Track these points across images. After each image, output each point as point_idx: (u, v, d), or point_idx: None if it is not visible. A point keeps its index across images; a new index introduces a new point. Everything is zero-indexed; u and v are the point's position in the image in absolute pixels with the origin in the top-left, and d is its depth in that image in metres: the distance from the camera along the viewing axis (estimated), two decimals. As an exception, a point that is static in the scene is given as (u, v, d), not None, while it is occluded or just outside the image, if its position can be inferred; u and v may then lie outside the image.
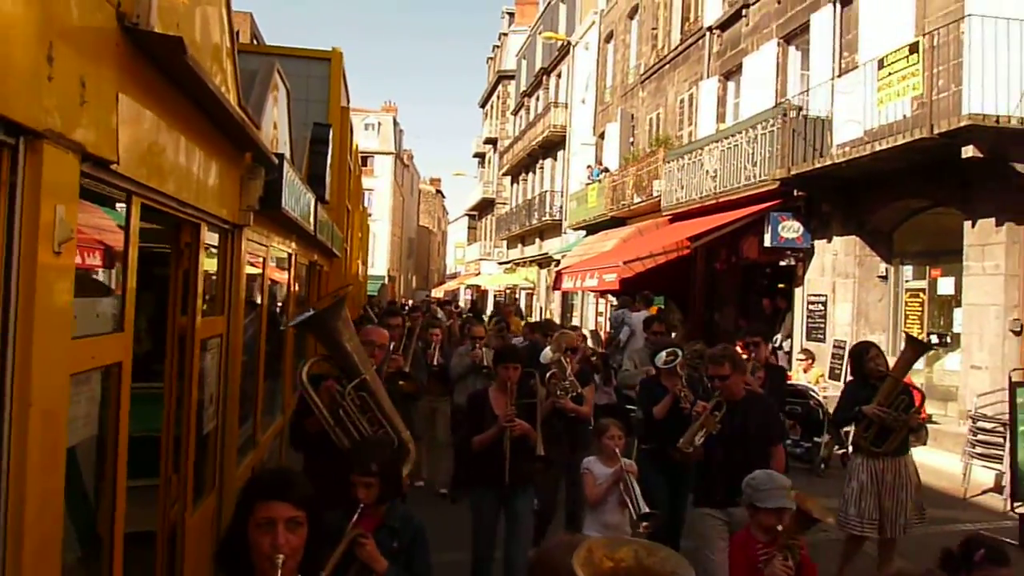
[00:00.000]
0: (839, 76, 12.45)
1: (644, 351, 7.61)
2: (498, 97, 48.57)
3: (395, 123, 61.45)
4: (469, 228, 60.27)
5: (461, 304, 39.88)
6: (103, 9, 2.19)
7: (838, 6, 13.14)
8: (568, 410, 5.96)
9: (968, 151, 9.07)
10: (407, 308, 16.21)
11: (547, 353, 6.43)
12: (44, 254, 1.87)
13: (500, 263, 43.59)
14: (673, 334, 10.07)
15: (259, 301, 5.81)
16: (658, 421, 5.88)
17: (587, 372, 6.75)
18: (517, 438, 4.90)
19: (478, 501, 5.09)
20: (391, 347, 5.65)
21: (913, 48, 9.72)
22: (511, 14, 49.46)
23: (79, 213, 2.10)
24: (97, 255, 3.56)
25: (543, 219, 32.09)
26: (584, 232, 25.73)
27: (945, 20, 10.32)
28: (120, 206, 2.76)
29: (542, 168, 35.02)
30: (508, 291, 41.48)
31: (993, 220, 9.73)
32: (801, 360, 11.50)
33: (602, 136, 26.25)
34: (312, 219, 6.79)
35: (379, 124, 59.94)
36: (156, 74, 2.59)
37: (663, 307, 19.57)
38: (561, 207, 29.82)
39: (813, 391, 9.95)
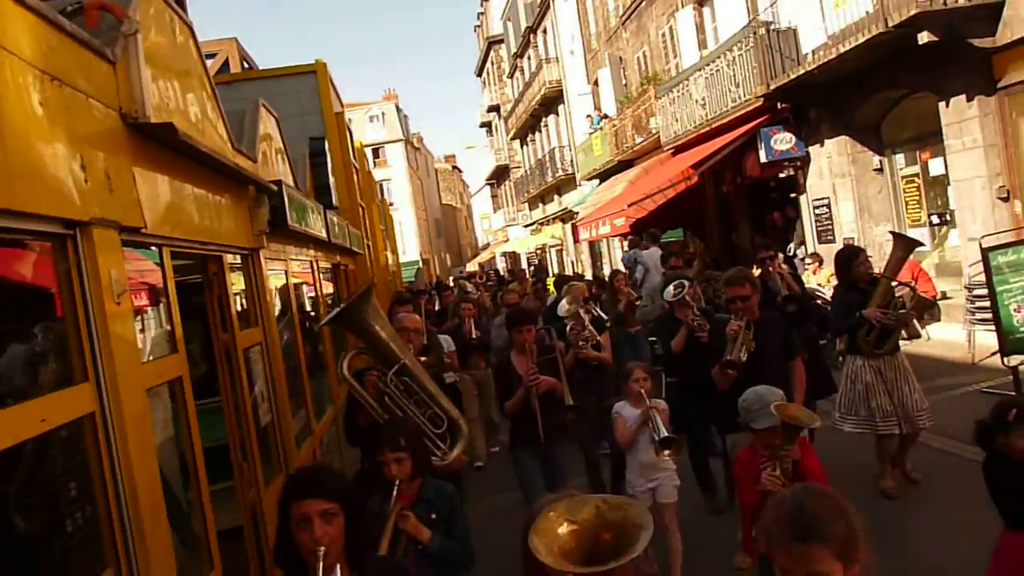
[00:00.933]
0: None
1: (660, 286, 7.71)
2: (492, 63, 48.74)
3: (398, 109, 61.87)
4: (492, 197, 60.82)
5: (502, 272, 40.64)
6: (110, 115, 2.89)
7: (788, -85, 13.37)
8: (591, 359, 6.07)
9: (924, 37, 9.44)
10: (431, 288, 16.90)
11: (563, 306, 6.63)
12: (109, 305, 2.60)
13: (525, 226, 44.16)
14: (693, 264, 10.60)
15: (290, 308, 6.56)
16: (678, 353, 6.11)
17: (601, 320, 6.81)
18: (545, 394, 5.04)
19: (520, 461, 5.26)
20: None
21: (855, -52, 10.04)
22: (489, -22, 49.43)
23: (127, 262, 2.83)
24: (144, 295, 4.32)
25: (556, 175, 32.57)
26: (597, 181, 26.20)
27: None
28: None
29: (546, 126, 35.37)
30: (538, 251, 42.12)
31: (963, 97, 10.10)
32: (809, 264, 12.00)
33: (596, 83, 26.56)
34: (324, 226, 7.51)
35: (383, 114, 60.44)
36: (160, 150, 3.30)
37: (683, 239, 20.13)
38: (572, 160, 30.26)
39: (820, 292, 10.47)
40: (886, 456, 5.94)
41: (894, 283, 6.14)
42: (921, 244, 7.18)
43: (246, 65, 18.69)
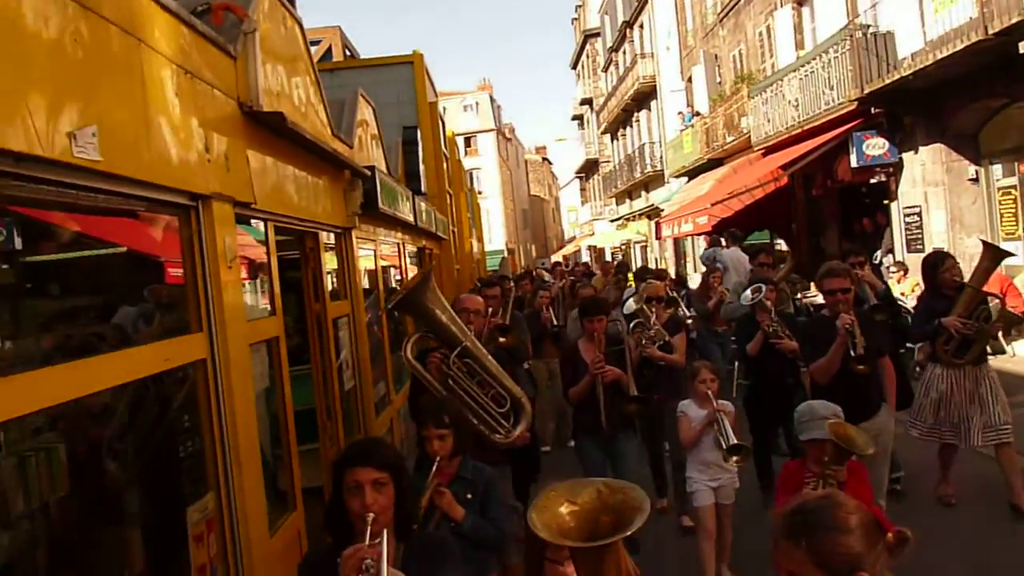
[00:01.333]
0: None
1: (744, 284, 7.79)
2: (587, 56, 48.76)
3: (492, 100, 62.51)
4: (580, 191, 60.92)
5: (589, 264, 40.82)
6: (229, 103, 3.30)
7: (895, -83, 13.10)
8: (656, 358, 5.95)
9: (1023, 46, 9.20)
10: (514, 276, 17.24)
11: (630, 304, 6.54)
12: (222, 268, 3.01)
13: (611, 220, 44.13)
14: (781, 266, 10.61)
15: (376, 286, 6.99)
16: (755, 357, 6.11)
17: (678, 320, 6.67)
18: (610, 384, 5.07)
19: (584, 450, 5.32)
20: (489, 312, 5.88)
21: (960, -47, 9.84)
22: (589, -29, 49.42)
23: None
24: (244, 268, 4.78)
25: (645, 171, 32.48)
26: (685, 178, 26.07)
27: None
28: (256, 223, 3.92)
29: (638, 121, 35.27)
30: (623, 246, 42.07)
31: (1065, 108, 9.79)
32: (894, 272, 11.82)
33: (690, 80, 26.38)
34: (412, 211, 7.94)
35: (476, 104, 61.19)
36: (271, 135, 3.71)
37: (768, 241, 19.92)
38: (661, 156, 30.14)
39: (902, 301, 10.34)
40: (945, 464, 5.92)
41: (982, 293, 5.87)
42: (1012, 255, 6.94)
43: (348, 52, 19.45)
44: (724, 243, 12.04)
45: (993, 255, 6.07)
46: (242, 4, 3.65)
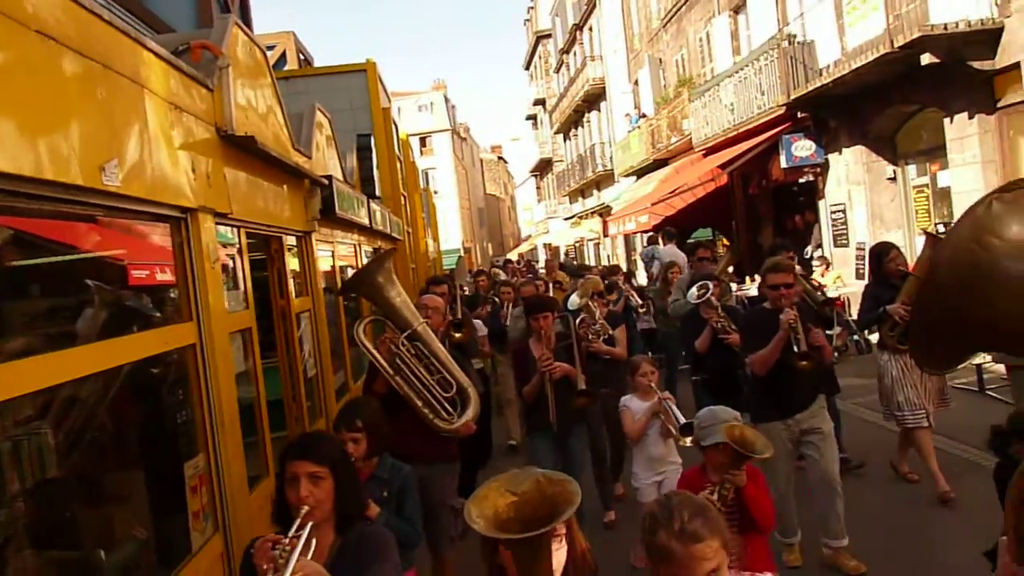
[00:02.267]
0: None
1: (687, 280, 7.62)
2: (539, 57, 49.54)
3: (446, 100, 62.99)
4: (536, 189, 61.71)
5: (542, 262, 41.48)
6: (209, 129, 3.91)
7: (817, -67, 14.04)
8: (602, 352, 6.05)
9: (926, 58, 10.13)
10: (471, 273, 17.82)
11: (574, 299, 6.55)
12: (207, 267, 3.61)
13: (565, 219, 45.01)
14: (717, 260, 11.31)
15: (334, 284, 7.58)
16: (703, 353, 6.21)
17: (617, 314, 6.78)
18: (560, 380, 5.15)
19: (534, 447, 5.41)
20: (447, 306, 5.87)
21: (867, -28, 10.76)
22: (540, -27, 50.20)
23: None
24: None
25: (596, 171, 33.39)
26: (634, 177, 26.96)
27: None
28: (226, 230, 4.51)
29: (589, 122, 36.15)
30: (577, 244, 42.95)
31: (966, 115, 10.76)
32: (818, 266, 12.75)
33: (636, 83, 27.29)
34: (367, 214, 8.53)
35: (431, 104, 61.64)
36: (244, 155, 4.32)
37: (711, 238, 20.87)
38: (611, 156, 31.03)
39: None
40: (929, 455, 5.94)
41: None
42: None
43: (301, 56, 19.91)
44: (661, 241, 12.84)
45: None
46: (216, 41, 4.25)
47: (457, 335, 6.00)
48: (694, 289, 6.37)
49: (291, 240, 5.77)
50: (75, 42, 2.57)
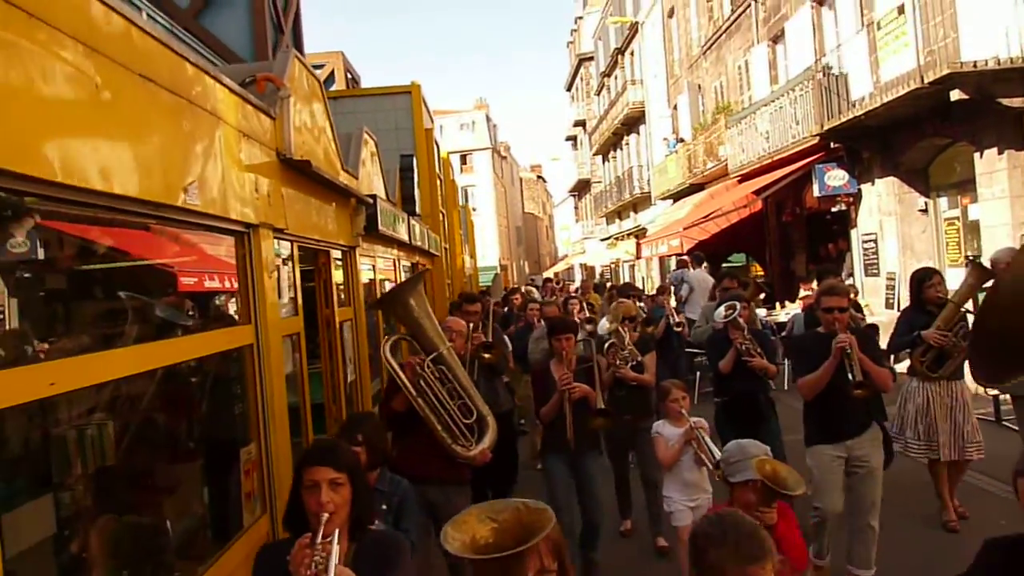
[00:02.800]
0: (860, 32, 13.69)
1: (712, 307, 7.57)
2: (581, 79, 50.12)
3: (488, 119, 63.85)
4: (574, 208, 62.14)
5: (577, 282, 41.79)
6: (270, 153, 4.36)
7: (855, -32, 14.34)
8: (629, 379, 5.98)
9: (955, 94, 10.34)
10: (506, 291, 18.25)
11: (603, 324, 6.61)
12: (265, 277, 4.05)
13: (602, 239, 45.29)
14: (747, 287, 11.43)
15: (374, 296, 8.03)
16: (727, 374, 6.06)
17: (647, 339, 6.69)
18: (579, 401, 5.17)
19: (551, 468, 5.38)
20: (470, 327, 5.96)
21: (900, 9, 11.02)
22: (584, -3, 50.90)
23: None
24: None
25: (634, 193, 33.73)
26: (671, 201, 27.24)
27: (941, -26, 11.50)
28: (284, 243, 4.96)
29: (627, 144, 36.52)
30: (613, 265, 43.20)
31: (995, 150, 10.93)
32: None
33: (675, 108, 27.61)
34: (407, 231, 8.99)
35: (473, 123, 62.51)
36: (299, 176, 4.78)
37: (745, 263, 21.07)
38: (648, 179, 31.34)
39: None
40: (941, 484, 6.00)
41: (963, 310, 5.95)
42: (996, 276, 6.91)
43: (349, 75, 20.59)
44: (690, 265, 13.14)
45: (980, 274, 6.09)
46: (278, 73, 4.72)
47: (487, 356, 6.05)
48: (721, 309, 6.35)
49: (337, 254, 6.22)
50: (167, 82, 3.02)
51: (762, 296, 13.04)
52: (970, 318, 5.81)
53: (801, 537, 3.47)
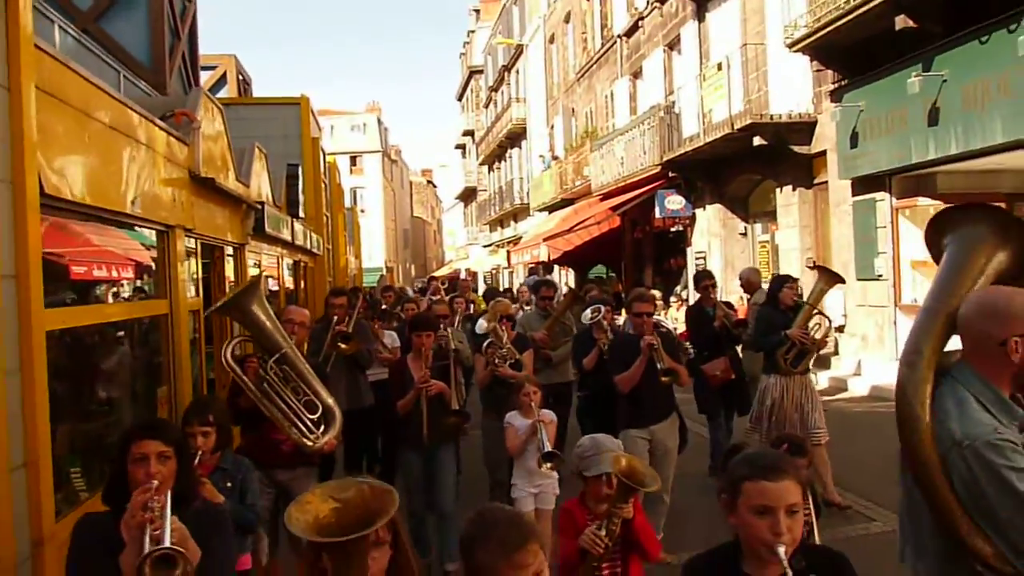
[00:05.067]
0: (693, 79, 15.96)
1: (533, 315, 7.93)
2: (471, 90, 51.81)
3: (379, 122, 64.62)
4: (464, 214, 63.81)
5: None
6: (184, 172, 5.77)
7: (696, 22, 16.60)
8: (507, 376, 5.97)
9: (756, 140, 12.59)
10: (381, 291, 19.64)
11: (482, 323, 6.59)
12: (179, 266, 5.47)
13: (484, 246, 47.15)
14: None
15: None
16: (589, 371, 6.51)
17: (524, 338, 6.70)
18: (434, 397, 5.28)
19: (405, 462, 5.53)
20: (335, 320, 6.47)
21: (719, 66, 13.23)
22: (477, 11, 52.71)
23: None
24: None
25: (514, 204, 35.66)
26: (546, 213, 29.28)
27: (758, 38, 13.82)
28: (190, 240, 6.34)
29: (510, 157, 38.48)
30: (493, 271, 45.11)
31: (791, 187, 13.28)
32: (674, 302, 15.10)
33: (552, 127, 29.73)
34: (290, 232, 10.37)
35: (364, 125, 63.14)
36: (206, 188, 6.19)
37: (603, 276, 23.27)
38: (527, 192, 33.36)
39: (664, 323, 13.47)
40: (822, 467, 6.27)
41: (815, 311, 6.59)
42: (843, 281, 7.60)
43: (241, 77, 21.56)
44: (541, 272, 14.99)
45: (828, 278, 6.81)
46: (191, 108, 6.13)
47: (343, 346, 6.38)
48: (588, 311, 6.67)
49: (229, 250, 7.61)
50: (122, 127, 4.45)
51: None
52: (821, 319, 6.62)
53: (652, 529, 3.58)
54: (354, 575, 1.86)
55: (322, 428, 4.37)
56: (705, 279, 8.01)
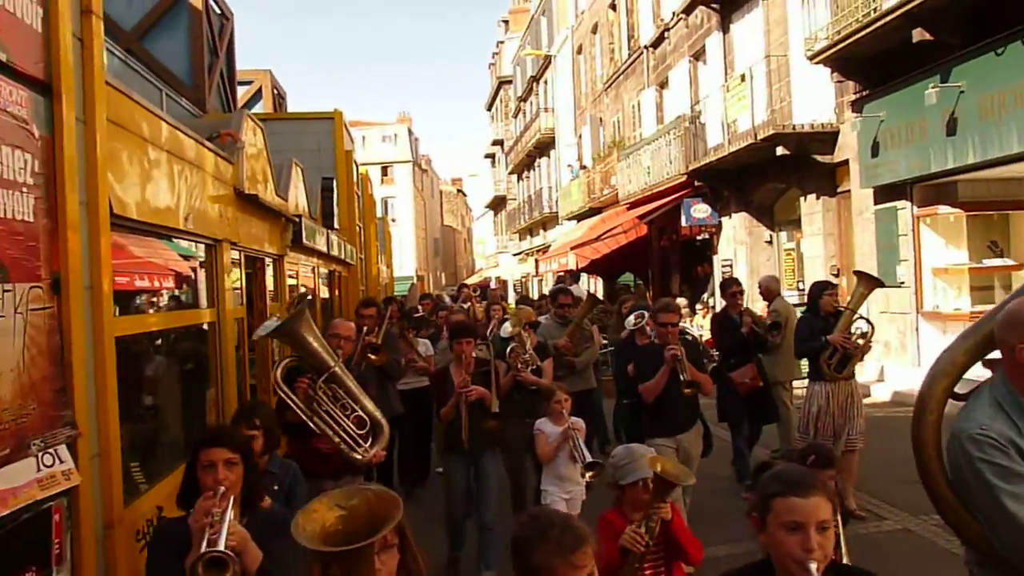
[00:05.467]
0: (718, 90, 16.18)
1: (552, 324, 7.90)
2: (500, 101, 52.36)
3: (410, 132, 65.46)
4: (494, 224, 64.36)
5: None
6: (230, 189, 6.18)
7: (721, 33, 16.85)
8: (529, 382, 6.06)
9: (780, 150, 12.81)
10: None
11: (506, 328, 6.74)
12: (225, 276, 5.87)
13: (514, 254, 47.57)
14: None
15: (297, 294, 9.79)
16: (633, 377, 6.26)
17: (545, 347, 6.77)
18: (475, 403, 5.45)
19: (449, 467, 5.71)
20: (364, 331, 6.52)
21: (743, 77, 13.47)
22: (506, 22, 53.28)
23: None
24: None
25: (543, 212, 36.05)
26: (575, 221, 29.60)
27: (781, 49, 14.04)
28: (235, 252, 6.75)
29: (539, 166, 38.88)
30: (523, 279, 45.48)
31: (815, 195, 13.46)
32: (700, 309, 15.32)
33: (580, 137, 30.06)
34: (325, 243, 10.79)
35: (395, 135, 64.02)
36: (249, 203, 6.60)
37: (631, 284, 23.50)
38: (556, 200, 33.71)
39: (690, 331, 13.70)
40: (848, 476, 6.42)
41: (857, 315, 6.65)
42: (883, 284, 7.72)
43: (276, 91, 22.16)
44: (567, 282, 15.31)
45: (868, 282, 6.82)
46: (235, 128, 6.55)
47: (373, 357, 6.49)
48: (631, 317, 6.81)
49: (269, 261, 8.02)
50: (176, 150, 4.85)
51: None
52: (862, 323, 6.67)
53: (687, 528, 3.64)
54: None
55: (370, 441, 4.47)
56: (733, 286, 8.07)
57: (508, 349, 6.22)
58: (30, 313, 2.69)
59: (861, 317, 6.68)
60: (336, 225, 12.79)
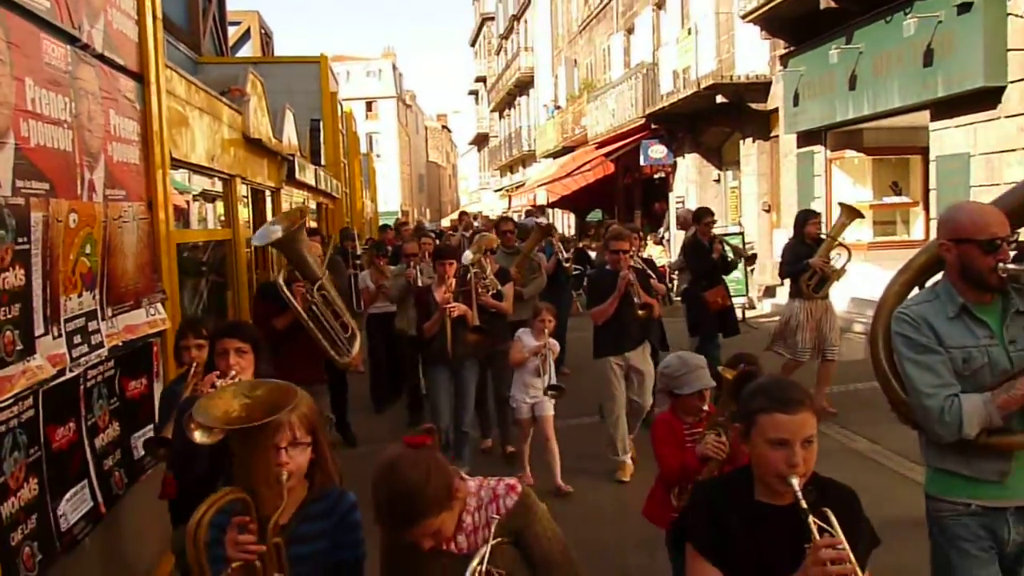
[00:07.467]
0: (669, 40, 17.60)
1: (499, 253, 7.86)
2: (483, 37, 52.94)
3: (394, 68, 65.93)
4: (479, 160, 65.39)
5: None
6: (238, 134, 7.76)
7: (678, -15, 18.21)
8: (489, 305, 6.29)
9: (719, 98, 14.37)
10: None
11: (467, 255, 6.80)
12: (239, 205, 7.50)
13: (495, 191, 48.96)
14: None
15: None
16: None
17: (506, 271, 6.92)
18: (458, 318, 5.81)
19: (433, 377, 6.13)
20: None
21: (689, 31, 14.95)
22: (490, -43, 53.49)
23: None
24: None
25: (522, 150, 37.38)
26: (551, 159, 31.03)
27: (727, 6, 15.47)
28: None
29: (519, 104, 40.02)
30: (503, 214, 46.94)
31: (751, 139, 15.08)
32: (651, 239, 17.05)
33: (556, 77, 31.29)
34: (314, 178, 12.38)
35: (380, 71, 64.53)
36: (253, 146, 8.19)
37: (600, 219, 25.15)
38: (534, 139, 35.04)
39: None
40: (821, 382, 7.24)
41: (837, 242, 7.23)
42: (862, 215, 8.20)
43: (264, 32, 23.36)
44: (536, 216, 16.94)
45: (849, 213, 7.36)
46: (241, 84, 8.09)
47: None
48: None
49: (268, 193, 9.64)
50: (206, 108, 6.44)
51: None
52: (841, 249, 7.23)
53: None
54: (258, 464, 1.94)
55: (348, 347, 5.01)
56: (707, 215, 8.57)
57: (469, 275, 6.33)
58: (139, 220, 4.37)
59: (840, 244, 7.28)
60: (323, 162, 14.35)
